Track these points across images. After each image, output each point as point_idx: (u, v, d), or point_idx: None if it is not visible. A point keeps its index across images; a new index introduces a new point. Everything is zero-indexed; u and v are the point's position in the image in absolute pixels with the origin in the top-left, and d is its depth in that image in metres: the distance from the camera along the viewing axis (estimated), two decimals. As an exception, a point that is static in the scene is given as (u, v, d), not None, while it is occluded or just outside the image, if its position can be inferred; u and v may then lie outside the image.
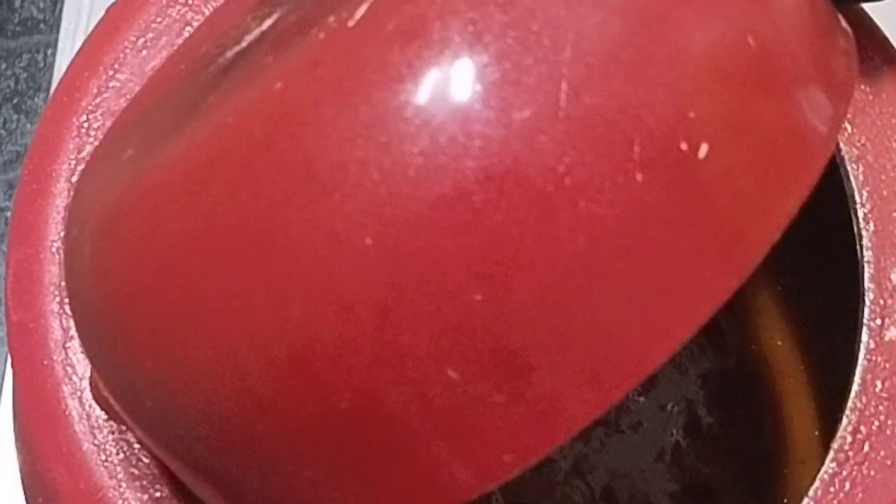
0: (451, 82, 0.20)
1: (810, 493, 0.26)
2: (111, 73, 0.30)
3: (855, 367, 0.27)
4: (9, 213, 0.48)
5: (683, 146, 0.20)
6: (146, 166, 0.22)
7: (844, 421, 0.26)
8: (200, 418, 0.21)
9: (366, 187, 0.20)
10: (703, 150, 0.20)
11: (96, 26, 0.31)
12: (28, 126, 0.51)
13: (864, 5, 0.28)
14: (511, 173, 0.20)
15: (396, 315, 0.20)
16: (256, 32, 0.24)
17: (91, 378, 0.27)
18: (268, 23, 0.24)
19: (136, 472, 0.26)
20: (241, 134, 0.21)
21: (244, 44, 0.24)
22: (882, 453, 0.26)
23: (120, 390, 0.23)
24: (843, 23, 0.25)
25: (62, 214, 0.29)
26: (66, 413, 0.27)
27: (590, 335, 0.20)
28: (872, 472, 0.26)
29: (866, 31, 0.29)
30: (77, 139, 0.29)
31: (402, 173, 0.20)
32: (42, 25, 0.53)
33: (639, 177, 0.20)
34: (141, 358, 0.22)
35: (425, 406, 0.20)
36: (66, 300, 0.28)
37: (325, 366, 0.20)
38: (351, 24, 0.21)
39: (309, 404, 0.20)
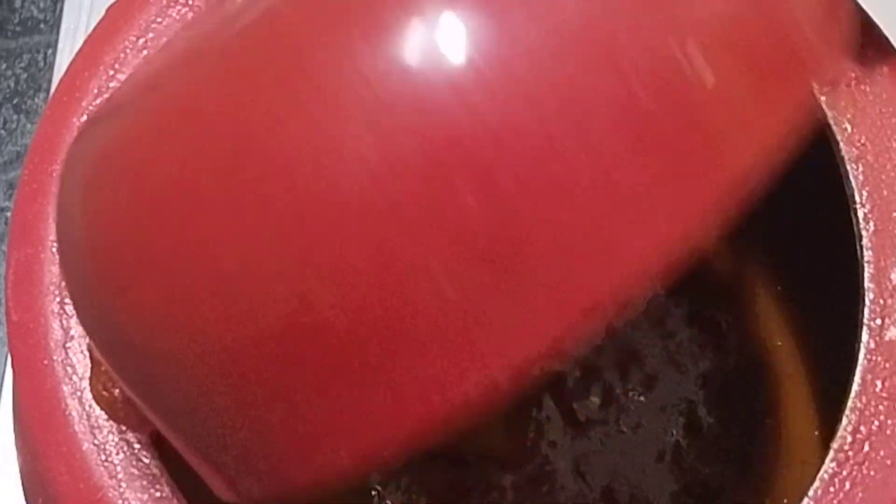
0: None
1: (810, 493, 0.26)
2: (111, 73, 0.30)
3: (855, 367, 0.27)
4: (9, 213, 0.48)
5: (687, 69, 0.20)
6: (139, 107, 0.23)
7: (844, 421, 0.26)
8: (186, 343, 0.21)
9: (363, 94, 0.20)
10: (708, 75, 0.21)
11: (96, 26, 0.31)
12: (28, 126, 0.51)
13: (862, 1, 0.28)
14: (513, 78, 0.20)
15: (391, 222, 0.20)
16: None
17: (91, 377, 0.27)
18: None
19: (136, 472, 0.26)
20: (241, 53, 0.21)
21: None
22: (882, 453, 0.26)
23: (105, 333, 0.23)
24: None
25: (63, 214, 0.29)
26: (66, 413, 0.27)
27: (580, 240, 0.20)
28: (872, 472, 0.26)
29: (866, 32, 0.29)
30: (77, 139, 0.29)
31: (400, 74, 0.20)
32: (42, 25, 0.53)
33: (639, 92, 0.20)
34: (125, 287, 0.22)
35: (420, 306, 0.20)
36: (67, 300, 0.28)
37: (318, 279, 0.20)
38: None
39: (301, 318, 0.20)
